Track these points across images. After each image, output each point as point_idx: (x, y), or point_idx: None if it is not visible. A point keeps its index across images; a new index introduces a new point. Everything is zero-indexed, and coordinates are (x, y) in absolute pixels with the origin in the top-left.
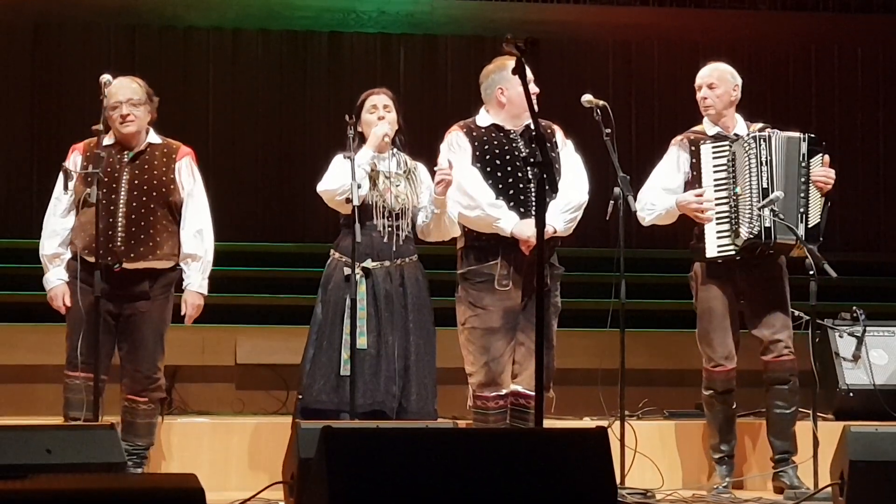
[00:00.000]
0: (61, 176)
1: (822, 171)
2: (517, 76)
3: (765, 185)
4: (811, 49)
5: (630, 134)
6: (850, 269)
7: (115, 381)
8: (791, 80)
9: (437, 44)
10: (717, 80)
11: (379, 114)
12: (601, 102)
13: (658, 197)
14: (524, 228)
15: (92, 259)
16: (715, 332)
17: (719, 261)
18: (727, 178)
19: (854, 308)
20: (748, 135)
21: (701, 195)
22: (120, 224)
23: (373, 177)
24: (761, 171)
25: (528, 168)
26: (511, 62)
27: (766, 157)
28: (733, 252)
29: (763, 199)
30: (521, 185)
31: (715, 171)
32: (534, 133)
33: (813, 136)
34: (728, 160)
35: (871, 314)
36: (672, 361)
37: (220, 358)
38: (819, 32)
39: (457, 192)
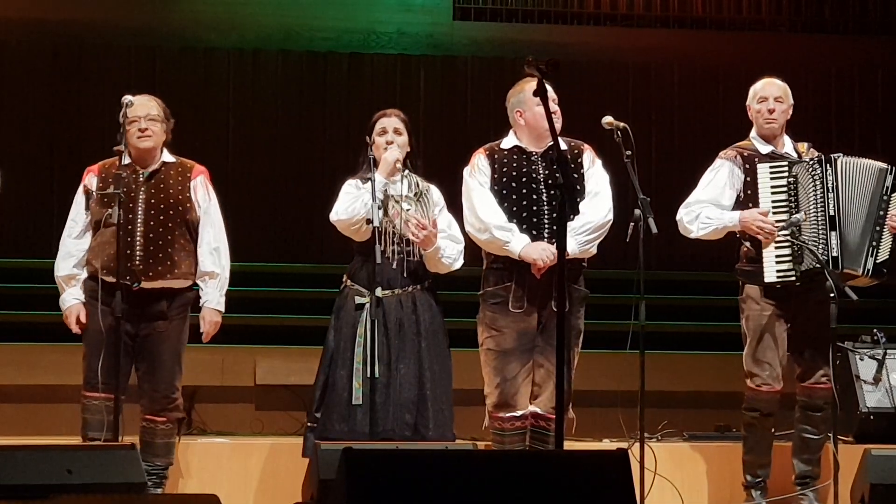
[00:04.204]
0: (77, 197)
1: None
2: (535, 97)
3: (831, 213)
4: (831, 70)
5: (650, 156)
6: (870, 291)
7: (132, 402)
8: (811, 101)
9: (456, 65)
10: (784, 95)
11: (388, 137)
12: (622, 124)
13: (714, 212)
14: (531, 251)
15: (111, 279)
16: (766, 353)
17: (778, 286)
18: (787, 201)
19: (874, 330)
20: (812, 157)
21: (766, 214)
22: (138, 243)
23: (383, 202)
24: (828, 198)
25: (545, 190)
26: (528, 85)
27: (833, 183)
28: (794, 278)
29: (829, 227)
30: (535, 208)
31: (773, 193)
32: (555, 155)
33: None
34: (789, 182)
35: (891, 337)
36: (692, 384)
37: (240, 379)
38: (839, 54)
39: (469, 215)
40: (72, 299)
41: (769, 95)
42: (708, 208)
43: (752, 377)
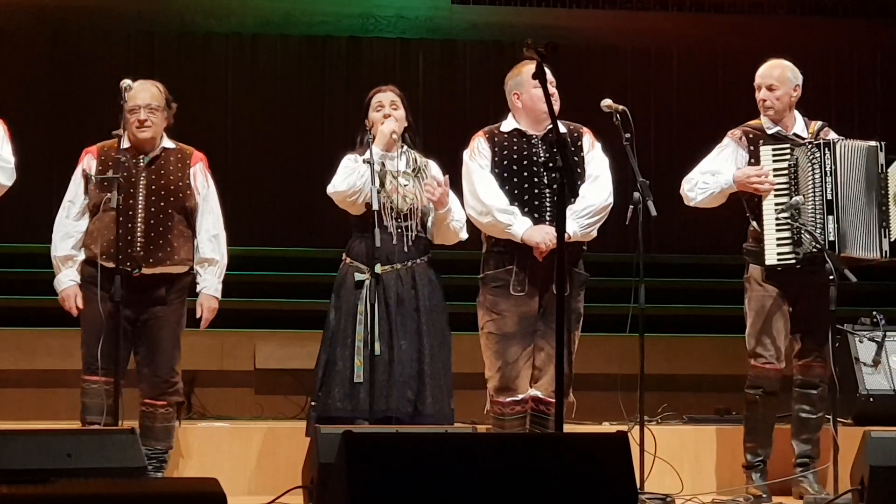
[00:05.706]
0: (75, 179)
1: None
2: (533, 80)
3: (829, 197)
4: (830, 54)
5: (649, 139)
6: (869, 273)
7: (131, 386)
8: (810, 84)
9: (455, 49)
10: (778, 82)
11: (385, 111)
12: (620, 107)
13: (711, 178)
14: (534, 234)
15: (110, 264)
16: (769, 331)
17: (779, 268)
18: (788, 184)
19: (874, 313)
20: (811, 140)
21: (760, 169)
22: (139, 229)
23: (381, 176)
24: (825, 182)
25: (546, 173)
26: (526, 67)
27: (831, 167)
28: (794, 261)
29: (826, 211)
30: (536, 191)
31: (775, 175)
32: (554, 138)
33: (883, 142)
34: (790, 165)
35: (891, 319)
36: (692, 366)
37: (239, 363)
38: (838, 37)
39: (471, 198)
40: (68, 281)
41: (762, 84)
42: (706, 176)
43: (756, 357)
